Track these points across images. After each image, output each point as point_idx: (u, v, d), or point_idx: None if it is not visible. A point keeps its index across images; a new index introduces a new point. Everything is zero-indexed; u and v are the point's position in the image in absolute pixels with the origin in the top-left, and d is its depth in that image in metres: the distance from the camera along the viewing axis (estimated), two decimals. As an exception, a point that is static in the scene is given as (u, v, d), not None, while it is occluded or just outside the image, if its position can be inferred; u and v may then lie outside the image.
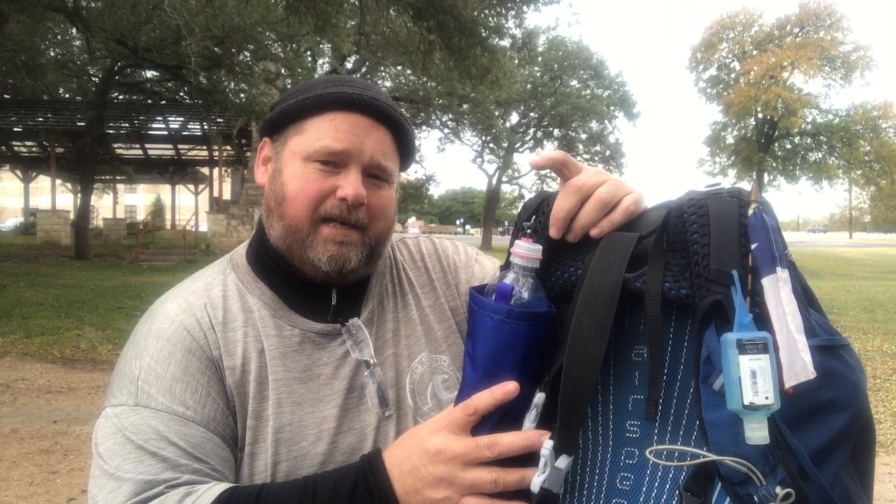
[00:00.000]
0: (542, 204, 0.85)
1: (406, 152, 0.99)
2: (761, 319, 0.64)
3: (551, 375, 0.76)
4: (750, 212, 0.68)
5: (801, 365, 0.62)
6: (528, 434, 0.77)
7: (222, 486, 0.80)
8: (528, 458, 0.77)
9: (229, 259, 1.01)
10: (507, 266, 0.83)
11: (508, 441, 0.77)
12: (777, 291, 0.64)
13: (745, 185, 0.73)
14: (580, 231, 0.82)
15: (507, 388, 0.78)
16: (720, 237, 0.68)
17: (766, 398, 0.59)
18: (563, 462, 0.73)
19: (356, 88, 0.92)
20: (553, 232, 0.82)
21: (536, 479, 0.73)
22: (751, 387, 0.60)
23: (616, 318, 0.72)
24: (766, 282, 0.65)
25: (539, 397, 0.75)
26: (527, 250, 0.80)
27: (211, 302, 0.93)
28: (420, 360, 0.98)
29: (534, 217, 0.85)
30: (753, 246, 0.66)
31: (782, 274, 0.65)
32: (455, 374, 0.99)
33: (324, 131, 0.90)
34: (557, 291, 0.83)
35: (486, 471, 0.77)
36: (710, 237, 0.69)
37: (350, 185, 0.89)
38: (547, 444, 0.73)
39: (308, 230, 0.90)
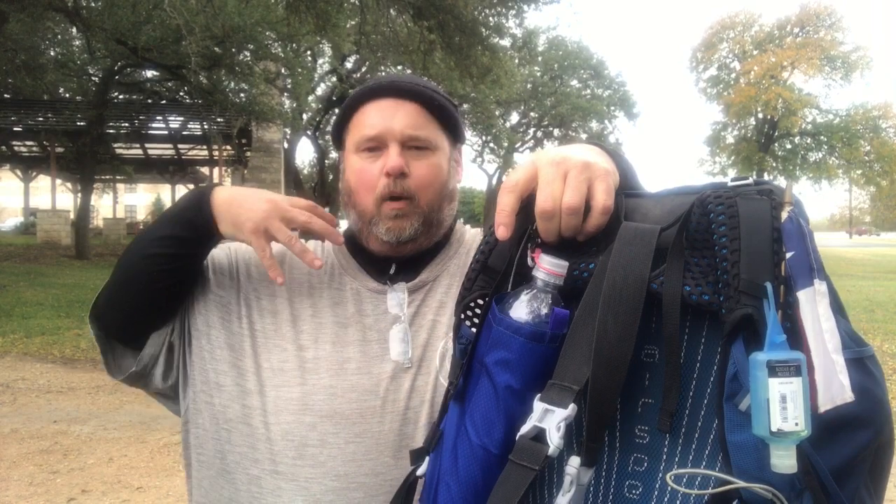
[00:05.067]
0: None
1: (448, 122, 1.08)
2: (793, 334, 0.59)
3: (582, 386, 0.68)
4: (784, 215, 0.63)
5: (837, 387, 0.57)
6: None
7: None
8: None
9: None
10: (528, 279, 0.76)
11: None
12: (814, 306, 0.58)
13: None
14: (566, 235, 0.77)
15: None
16: (751, 243, 0.62)
17: (796, 424, 0.55)
18: (585, 476, 0.68)
19: (381, 80, 1.06)
20: (500, 232, 0.75)
21: (561, 500, 0.68)
22: (780, 412, 0.55)
23: None
24: (803, 295, 0.59)
25: (571, 408, 0.67)
26: (553, 265, 0.73)
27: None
28: None
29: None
30: (789, 255, 0.61)
31: (820, 287, 0.59)
32: None
33: (359, 124, 1.05)
34: (567, 291, 0.77)
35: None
36: (740, 242, 0.63)
37: (390, 159, 1.01)
38: (574, 462, 0.67)
39: (373, 212, 1.04)
